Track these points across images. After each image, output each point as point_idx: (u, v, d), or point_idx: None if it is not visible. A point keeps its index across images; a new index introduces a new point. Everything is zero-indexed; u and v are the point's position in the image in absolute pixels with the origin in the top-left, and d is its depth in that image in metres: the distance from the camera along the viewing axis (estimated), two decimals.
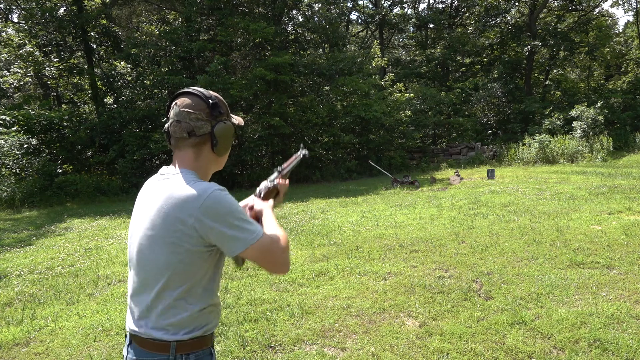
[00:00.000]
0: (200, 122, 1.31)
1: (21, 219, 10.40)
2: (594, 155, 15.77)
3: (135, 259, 1.32)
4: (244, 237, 1.24)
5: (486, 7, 25.01)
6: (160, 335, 1.26)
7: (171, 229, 1.23)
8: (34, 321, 3.89)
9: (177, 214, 1.23)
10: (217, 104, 1.34)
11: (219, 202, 1.23)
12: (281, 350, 3.13)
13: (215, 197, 1.23)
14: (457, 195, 9.67)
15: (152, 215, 1.28)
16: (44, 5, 16.92)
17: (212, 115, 1.33)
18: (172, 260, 1.24)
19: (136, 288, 1.32)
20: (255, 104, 17.95)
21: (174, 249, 1.24)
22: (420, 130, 21.45)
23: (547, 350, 2.88)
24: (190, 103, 1.32)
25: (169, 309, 1.26)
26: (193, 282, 1.27)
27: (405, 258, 5.12)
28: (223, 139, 1.35)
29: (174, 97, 1.36)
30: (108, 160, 15.90)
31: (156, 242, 1.26)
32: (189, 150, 1.34)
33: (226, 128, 1.35)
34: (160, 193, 1.29)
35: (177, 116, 1.32)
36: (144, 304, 1.29)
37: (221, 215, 1.22)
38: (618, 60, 28.42)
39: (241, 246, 1.24)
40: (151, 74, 16.95)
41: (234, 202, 1.26)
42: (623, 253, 4.68)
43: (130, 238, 1.38)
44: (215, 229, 1.22)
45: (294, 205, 10.18)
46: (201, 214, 1.21)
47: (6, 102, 18.19)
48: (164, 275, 1.25)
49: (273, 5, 17.92)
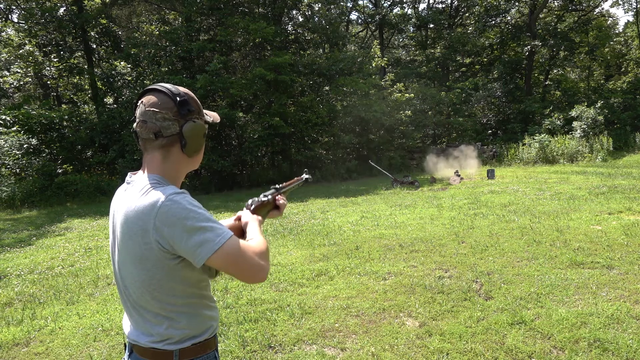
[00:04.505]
0: (167, 122, 1.20)
1: (21, 219, 10.40)
2: (594, 155, 15.78)
3: (118, 276, 1.27)
4: (207, 241, 1.11)
5: (486, 7, 25.02)
6: (162, 345, 1.21)
7: (137, 242, 1.15)
8: (34, 321, 3.89)
9: (138, 226, 1.14)
10: (186, 101, 1.23)
11: (174, 206, 1.11)
12: (281, 350, 3.13)
13: (170, 201, 1.12)
14: (457, 195, 9.67)
15: (119, 229, 1.21)
16: (44, 5, 16.92)
17: (180, 114, 1.22)
18: (147, 276, 1.17)
19: (125, 303, 1.27)
20: (255, 104, 17.95)
21: (145, 264, 1.16)
22: (420, 130, 21.46)
23: (547, 350, 2.88)
24: (156, 101, 1.21)
25: (164, 320, 1.21)
26: (181, 292, 1.20)
27: (405, 258, 5.12)
28: (193, 139, 1.24)
29: (140, 94, 1.26)
30: (108, 160, 15.90)
31: (128, 259, 1.20)
32: (156, 152, 1.24)
33: (196, 127, 1.24)
34: (123, 204, 1.22)
35: (142, 116, 1.22)
36: (138, 317, 1.25)
37: (179, 220, 1.11)
38: (618, 60, 28.43)
39: (205, 252, 1.11)
40: (151, 74, 16.96)
41: (193, 205, 1.14)
42: (623, 253, 4.68)
43: (111, 255, 1.31)
44: (175, 237, 1.11)
45: (294, 205, 10.18)
46: (159, 223, 1.11)
47: (6, 102, 18.19)
48: (147, 291, 1.19)
49: (273, 5, 17.92)
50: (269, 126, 16.63)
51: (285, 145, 17.87)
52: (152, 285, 1.18)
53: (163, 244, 1.13)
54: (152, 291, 1.19)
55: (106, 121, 16.15)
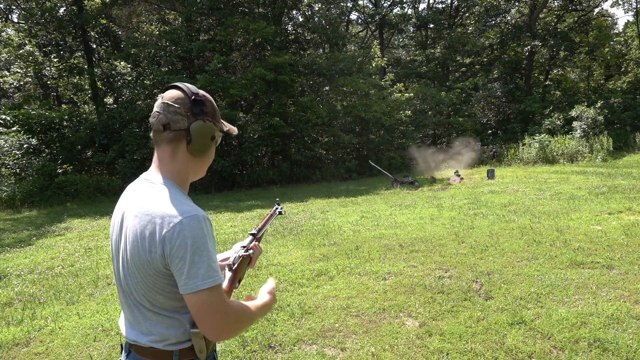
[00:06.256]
0: (178, 116, 1.23)
1: (21, 219, 10.40)
2: (594, 155, 15.78)
3: (121, 273, 1.26)
4: (199, 276, 1.11)
5: (486, 7, 25.04)
6: (162, 346, 1.21)
7: (144, 246, 1.15)
8: (34, 321, 3.89)
9: (148, 231, 1.14)
10: (201, 101, 1.25)
11: (185, 230, 1.11)
12: (281, 350, 3.13)
13: (186, 222, 1.12)
14: (457, 195, 9.67)
15: (129, 228, 1.21)
16: (44, 5, 16.92)
17: (192, 111, 1.24)
18: (149, 280, 1.17)
19: (126, 300, 1.26)
20: (255, 104, 17.96)
21: (147, 269, 1.16)
22: (420, 130, 21.46)
23: (547, 350, 2.88)
24: (173, 96, 1.25)
25: (163, 321, 1.21)
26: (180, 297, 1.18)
27: (405, 258, 5.12)
28: (199, 138, 1.24)
29: (163, 89, 1.30)
30: (108, 160, 15.90)
31: (133, 259, 1.19)
32: (165, 147, 1.26)
33: (205, 127, 1.25)
34: (137, 203, 1.22)
35: (158, 107, 1.25)
36: (139, 315, 1.24)
37: (184, 244, 1.11)
38: (618, 60, 28.43)
39: (192, 286, 1.11)
40: (151, 74, 16.96)
41: (204, 234, 1.14)
42: (623, 253, 4.68)
43: (113, 251, 1.30)
44: (173, 257, 1.12)
45: (294, 205, 10.18)
46: (167, 237, 1.12)
47: (6, 102, 18.19)
48: (149, 292, 1.19)
49: (273, 5, 17.92)
50: (269, 126, 16.63)
51: (285, 145, 17.88)
52: (155, 287, 1.18)
53: (164, 257, 1.14)
54: (154, 292, 1.19)
55: (106, 121, 16.15)
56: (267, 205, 10.58)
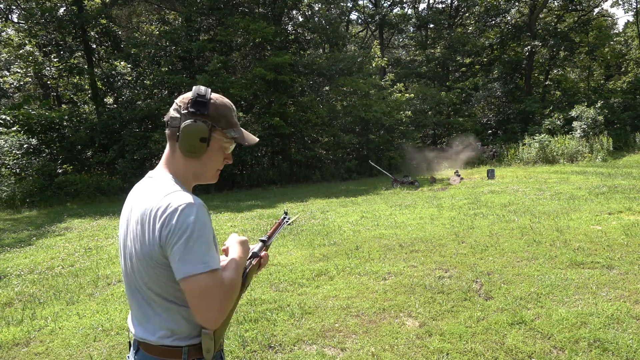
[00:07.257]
0: (177, 113, 1.26)
1: (21, 219, 10.40)
2: (594, 155, 15.78)
3: (129, 269, 1.26)
4: (192, 261, 1.10)
5: (486, 7, 25.05)
6: (170, 342, 1.21)
7: (148, 239, 1.16)
8: (34, 321, 3.89)
9: (151, 223, 1.15)
10: (203, 103, 1.24)
11: (186, 216, 1.12)
12: (281, 350, 3.13)
13: (185, 210, 1.12)
14: (457, 195, 9.67)
15: (133, 224, 1.22)
16: (44, 5, 16.91)
17: (188, 109, 1.24)
18: (154, 273, 1.18)
19: (132, 299, 1.27)
20: (255, 104, 17.96)
21: (150, 262, 1.17)
22: (420, 130, 21.46)
23: (547, 350, 2.88)
24: (184, 96, 1.28)
25: (172, 316, 1.21)
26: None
27: (405, 258, 5.12)
28: (185, 137, 1.23)
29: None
30: (108, 160, 15.90)
31: (137, 254, 1.20)
32: (168, 144, 1.31)
33: (194, 127, 1.23)
34: (141, 199, 1.23)
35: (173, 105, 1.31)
36: (145, 314, 1.24)
37: (181, 230, 1.11)
38: (618, 60, 28.44)
39: (184, 270, 1.10)
40: (151, 74, 16.96)
41: (203, 221, 1.14)
42: (623, 253, 4.68)
43: (121, 248, 1.31)
44: (169, 242, 1.12)
45: (294, 205, 10.19)
46: (166, 225, 1.12)
47: (6, 102, 18.19)
48: (155, 287, 1.20)
49: (273, 5, 17.93)
50: (269, 126, 16.63)
51: (285, 145, 17.87)
52: (159, 280, 1.19)
53: (162, 247, 1.14)
54: (160, 285, 1.20)
55: (106, 121, 16.15)
56: (267, 206, 10.59)
